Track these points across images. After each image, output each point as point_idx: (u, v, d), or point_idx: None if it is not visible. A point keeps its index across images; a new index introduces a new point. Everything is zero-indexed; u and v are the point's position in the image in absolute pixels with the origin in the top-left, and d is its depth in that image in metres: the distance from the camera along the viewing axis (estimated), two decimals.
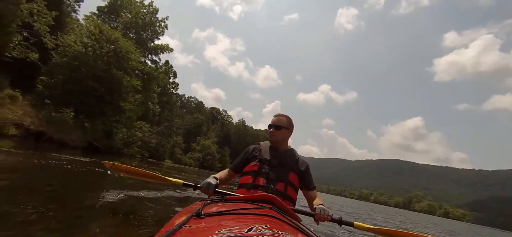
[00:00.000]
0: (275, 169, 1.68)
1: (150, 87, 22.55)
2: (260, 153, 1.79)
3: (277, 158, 1.73)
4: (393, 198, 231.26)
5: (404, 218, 13.05)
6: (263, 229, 0.63)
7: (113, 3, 21.73)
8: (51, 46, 13.51)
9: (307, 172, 1.81)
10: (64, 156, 7.07)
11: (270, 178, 1.63)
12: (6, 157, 4.60)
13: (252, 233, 0.59)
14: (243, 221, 0.75)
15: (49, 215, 2.17)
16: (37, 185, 3.25)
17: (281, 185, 1.62)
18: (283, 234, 0.61)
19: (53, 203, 2.59)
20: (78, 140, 14.33)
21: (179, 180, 1.98)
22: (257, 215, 0.85)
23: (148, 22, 22.99)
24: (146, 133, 25.05)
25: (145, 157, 31.09)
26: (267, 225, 0.69)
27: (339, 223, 1.62)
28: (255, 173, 1.66)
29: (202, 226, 0.72)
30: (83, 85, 15.24)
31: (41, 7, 11.68)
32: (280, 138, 1.83)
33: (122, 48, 16.58)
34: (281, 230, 0.66)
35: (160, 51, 24.65)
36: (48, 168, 4.38)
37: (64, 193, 3.09)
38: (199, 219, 0.79)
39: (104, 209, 2.57)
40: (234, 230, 0.62)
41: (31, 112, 11.93)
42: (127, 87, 17.77)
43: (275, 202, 1.14)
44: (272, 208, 1.05)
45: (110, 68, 16.19)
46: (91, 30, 16.11)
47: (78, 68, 15.23)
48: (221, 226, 0.69)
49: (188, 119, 65.70)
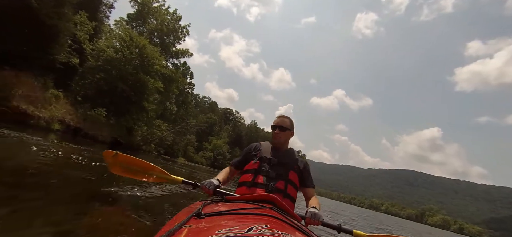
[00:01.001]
0: (275, 167, 1.70)
1: (170, 89, 24.12)
2: (261, 151, 1.82)
3: (277, 157, 1.77)
4: (405, 210, 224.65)
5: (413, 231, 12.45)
6: (263, 229, 0.63)
7: (141, 10, 23.47)
8: (89, 52, 15.14)
9: (306, 171, 1.84)
10: (92, 149, 7.95)
11: (270, 176, 1.65)
12: (51, 148, 5.73)
13: (252, 233, 0.60)
14: (243, 221, 0.76)
15: (55, 207, 2.17)
16: (64, 174, 3.53)
17: (281, 183, 1.64)
18: (283, 234, 0.61)
19: (61, 193, 2.64)
20: (106, 136, 15.92)
21: (179, 178, 2.00)
22: (257, 215, 0.86)
23: (171, 28, 24.62)
24: (164, 132, 26.69)
25: (160, 154, 32.90)
26: (267, 225, 0.70)
27: (338, 230, 1.66)
28: (255, 171, 1.69)
29: (202, 226, 0.72)
30: (113, 86, 16.86)
31: (84, 18, 13.26)
32: (284, 139, 1.87)
33: (149, 54, 18.09)
34: (281, 230, 0.66)
35: (181, 55, 26.26)
36: (77, 159, 5.05)
37: (78, 184, 3.21)
38: (199, 219, 0.79)
39: (109, 204, 2.55)
40: (234, 230, 0.62)
41: (71, 110, 13.53)
42: (151, 89, 19.31)
43: (275, 202, 1.15)
44: (272, 208, 1.05)
45: (138, 72, 17.74)
46: (122, 37, 17.73)
47: (109, 71, 16.85)
48: (221, 226, 0.69)
49: (202, 118, 67.54)
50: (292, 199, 1.67)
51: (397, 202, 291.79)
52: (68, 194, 2.74)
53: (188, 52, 26.49)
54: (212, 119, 70.49)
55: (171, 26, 24.45)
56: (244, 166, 1.81)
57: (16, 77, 10.08)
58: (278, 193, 1.57)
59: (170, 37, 25.19)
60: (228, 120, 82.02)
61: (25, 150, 4.75)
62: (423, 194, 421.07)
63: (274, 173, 1.66)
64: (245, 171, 1.75)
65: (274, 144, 1.87)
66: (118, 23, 22.90)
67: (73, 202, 2.45)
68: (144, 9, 23.45)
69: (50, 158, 4.52)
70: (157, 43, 23.52)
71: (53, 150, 5.41)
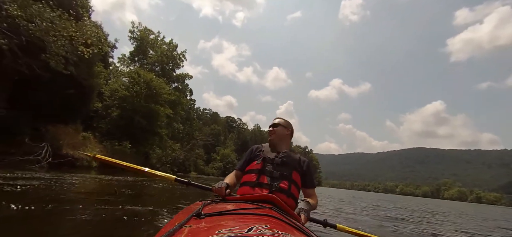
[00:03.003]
0: (278, 167, 1.71)
1: (177, 111, 26.57)
2: (263, 152, 1.84)
3: (280, 157, 1.77)
4: (420, 188, 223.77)
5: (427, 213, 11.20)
6: (263, 229, 0.64)
7: (140, 45, 26.04)
8: (108, 94, 17.59)
9: (309, 171, 1.85)
10: (117, 177, 9.85)
11: (274, 176, 1.66)
12: (93, 180, 8.02)
13: (252, 233, 0.60)
14: (243, 221, 0.76)
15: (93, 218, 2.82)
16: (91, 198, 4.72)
17: (285, 183, 1.65)
18: (283, 234, 0.61)
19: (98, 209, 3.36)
20: None
21: (171, 176, 1.99)
22: (257, 215, 0.86)
23: (170, 57, 27.14)
24: (177, 152, 29.11)
25: (174, 171, 35.34)
26: (267, 225, 0.70)
27: (324, 225, 1.75)
28: (259, 171, 1.70)
29: (202, 226, 0.72)
30: (129, 119, 19.27)
31: (100, 68, 15.68)
32: (278, 135, 1.90)
33: (156, 86, 20.52)
34: (281, 230, 0.66)
35: (181, 79, 28.79)
36: (108, 185, 6.96)
37: (104, 202, 3.99)
38: (199, 219, 0.80)
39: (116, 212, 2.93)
40: (234, 230, 0.63)
41: (101, 147, 15.92)
42: (162, 116, 21.73)
43: (275, 202, 1.14)
44: (272, 208, 1.05)
45: (148, 103, 20.14)
46: (131, 75, 20.20)
47: (125, 107, 19.28)
48: (221, 226, 0.69)
49: (206, 131, 69.85)
50: (295, 199, 1.70)
51: (411, 181, 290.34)
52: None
53: (188, 75, 29.07)
54: (216, 129, 72.59)
55: (169, 54, 26.97)
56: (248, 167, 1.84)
57: (61, 129, 12.53)
58: (281, 193, 1.59)
59: (169, 64, 27.70)
60: (231, 128, 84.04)
61: (82, 183, 7.05)
62: (435, 170, 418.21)
63: (278, 173, 1.67)
64: (248, 171, 1.77)
65: (270, 142, 1.92)
66: (121, 60, 25.53)
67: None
68: (143, 43, 26.01)
69: (94, 187, 6.81)
70: (158, 72, 26.02)
71: (97, 181, 7.76)
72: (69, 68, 9.05)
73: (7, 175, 5.96)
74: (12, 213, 2.84)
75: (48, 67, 8.18)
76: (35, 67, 7.98)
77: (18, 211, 2.89)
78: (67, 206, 3.49)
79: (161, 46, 26.43)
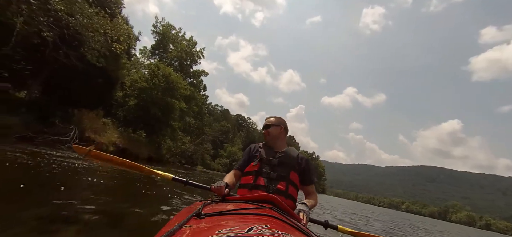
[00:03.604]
0: (276, 168, 1.70)
1: (190, 106, 27.44)
2: (261, 153, 1.81)
3: (277, 157, 1.75)
4: (427, 208, 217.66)
5: None
6: (263, 229, 0.64)
7: (162, 40, 27.05)
8: (128, 84, 18.56)
9: (307, 168, 1.81)
10: None
11: (271, 177, 1.65)
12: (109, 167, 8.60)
13: (252, 233, 0.60)
14: (243, 221, 0.76)
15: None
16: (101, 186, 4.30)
17: (282, 184, 1.63)
18: (283, 234, 0.62)
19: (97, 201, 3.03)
20: (144, 153, 19.22)
21: (169, 175, 1.94)
22: (257, 215, 0.86)
23: (189, 53, 28.04)
24: (187, 145, 30.02)
25: (182, 163, 36.38)
26: (267, 225, 0.70)
27: (324, 226, 1.73)
28: (256, 173, 1.68)
29: (202, 226, 0.72)
30: (146, 110, 20.19)
31: (125, 60, 16.63)
32: (272, 135, 1.88)
33: (173, 81, 21.37)
34: (281, 230, 0.66)
35: (198, 75, 29.66)
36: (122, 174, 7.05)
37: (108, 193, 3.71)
38: (199, 219, 0.80)
39: (117, 210, 2.71)
40: (234, 230, 0.63)
41: (118, 134, 16.85)
42: (176, 110, 22.58)
43: (275, 202, 1.14)
44: (272, 208, 1.05)
45: (165, 96, 21.02)
46: (151, 67, 21.14)
47: (143, 98, 20.22)
48: (221, 226, 0.69)
49: (216, 127, 70.83)
50: (293, 200, 1.67)
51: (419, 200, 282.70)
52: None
53: (204, 72, 29.90)
54: (226, 126, 73.49)
55: (188, 51, 27.89)
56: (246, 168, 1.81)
57: (85, 114, 13.49)
58: (279, 194, 1.55)
59: (188, 61, 28.60)
60: (241, 127, 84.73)
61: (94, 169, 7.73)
62: (446, 191, 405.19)
63: (275, 174, 1.65)
64: (246, 173, 1.76)
65: (267, 142, 1.90)
66: (142, 52, 26.62)
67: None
68: (164, 38, 27.02)
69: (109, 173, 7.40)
70: (176, 67, 26.97)
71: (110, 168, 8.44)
72: (101, 61, 9.89)
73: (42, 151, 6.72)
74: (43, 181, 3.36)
75: (83, 59, 9.02)
76: (72, 58, 8.84)
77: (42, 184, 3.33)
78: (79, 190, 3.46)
79: (181, 42, 27.42)
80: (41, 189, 3.13)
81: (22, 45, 7.85)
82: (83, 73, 10.61)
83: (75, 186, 3.60)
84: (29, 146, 7.38)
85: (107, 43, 9.28)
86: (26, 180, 3.34)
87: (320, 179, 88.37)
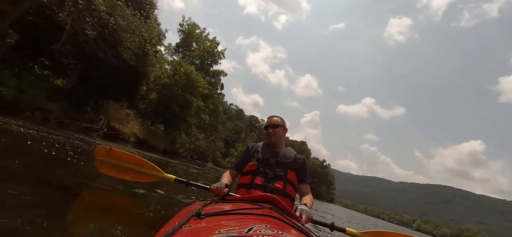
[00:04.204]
0: (273, 167, 1.71)
1: (207, 104, 28.30)
2: (258, 152, 1.83)
3: (274, 157, 1.77)
4: (439, 228, 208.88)
5: None
6: (263, 229, 0.64)
7: (186, 38, 28.09)
8: (152, 79, 19.54)
9: (303, 167, 1.82)
10: (148, 153, 11.22)
11: (269, 177, 1.66)
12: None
13: (252, 233, 0.60)
14: (243, 221, 0.76)
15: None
16: None
17: (280, 183, 1.65)
18: (283, 234, 0.62)
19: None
20: (161, 145, 20.15)
21: (171, 175, 2.02)
22: (257, 215, 0.86)
23: (210, 53, 28.94)
24: (200, 141, 30.94)
25: (194, 159, 37.43)
26: (267, 225, 0.70)
27: (331, 228, 1.71)
28: (254, 173, 1.70)
29: (202, 226, 0.72)
30: (166, 105, 21.14)
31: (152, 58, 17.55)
32: (278, 136, 1.89)
33: (194, 79, 22.22)
34: (281, 230, 0.66)
35: (217, 75, 30.53)
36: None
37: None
38: (199, 219, 0.80)
39: (117, 205, 2.56)
40: (234, 230, 0.63)
41: (139, 125, 17.83)
42: (194, 107, 23.44)
43: (275, 202, 1.14)
44: (272, 208, 1.05)
45: (185, 94, 21.90)
46: (174, 64, 22.10)
47: (165, 93, 21.19)
48: (221, 226, 0.69)
49: (229, 126, 71.73)
50: (291, 199, 1.69)
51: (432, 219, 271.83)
52: None
53: (223, 73, 30.74)
54: (239, 126, 74.23)
55: (210, 51, 28.79)
56: (244, 168, 1.82)
57: (112, 105, 14.47)
58: (277, 193, 1.56)
59: (209, 60, 29.49)
60: (254, 127, 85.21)
61: None
62: (461, 213, 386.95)
63: (273, 174, 1.68)
64: (244, 173, 1.77)
65: (270, 143, 1.90)
66: (167, 49, 27.73)
67: None
68: (188, 37, 28.04)
69: None
70: (197, 66, 27.91)
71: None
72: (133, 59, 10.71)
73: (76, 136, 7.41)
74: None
75: (119, 56, 9.84)
76: (109, 54, 9.66)
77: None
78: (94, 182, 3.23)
79: (204, 42, 28.38)
80: (52, 170, 3.13)
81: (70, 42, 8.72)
82: (115, 69, 11.51)
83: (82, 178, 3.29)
84: (65, 131, 8.18)
85: (141, 44, 10.05)
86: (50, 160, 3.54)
87: (329, 188, 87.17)
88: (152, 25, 10.53)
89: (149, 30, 10.15)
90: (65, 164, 3.57)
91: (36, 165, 3.15)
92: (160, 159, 10.62)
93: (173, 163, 10.54)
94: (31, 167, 2.93)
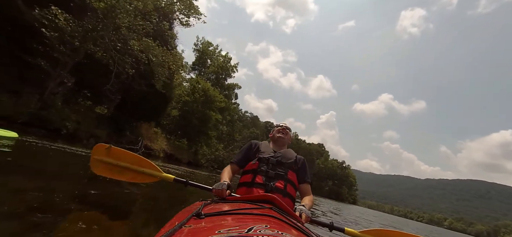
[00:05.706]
0: (274, 167, 1.73)
1: (224, 116, 30.15)
2: (260, 151, 1.85)
3: (276, 157, 1.79)
4: (474, 226, 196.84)
5: None
6: (263, 229, 0.64)
7: (201, 56, 30.28)
8: (174, 99, 21.54)
9: (303, 167, 1.86)
10: (176, 166, 12.72)
11: (270, 176, 1.68)
12: (164, 167, 10.67)
13: (252, 233, 0.60)
14: (243, 221, 0.76)
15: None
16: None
17: (280, 182, 1.67)
18: (283, 234, 0.62)
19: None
20: (185, 158, 22.01)
21: (170, 175, 2.00)
22: (257, 215, 0.86)
23: (224, 68, 30.92)
24: (220, 151, 32.80)
25: (214, 168, 39.33)
26: (267, 225, 0.70)
27: (330, 228, 1.69)
28: (255, 172, 1.71)
29: (202, 226, 0.72)
30: (188, 121, 23.05)
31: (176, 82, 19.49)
32: (287, 138, 2.01)
33: (211, 95, 24.05)
34: (281, 230, 0.66)
35: (232, 88, 32.46)
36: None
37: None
38: (199, 219, 0.80)
39: (118, 206, 2.61)
40: (234, 230, 0.63)
41: (166, 141, 19.75)
42: (213, 120, 25.24)
43: (275, 202, 1.14)
44: (272, 208, 1.05)
45: (204, 109, 23.73)
46: (193, 83, 24.07)
47: (186, 110, 23.13)
48: (221, 226, 0.70)
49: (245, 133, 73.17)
50: (292, 198, 1.70)
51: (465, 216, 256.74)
52: None
53: (237, 86, 32.64)
54: (254, 132, 75.39)
55: (223, 66, 30.78)
56: (245, 165, 1.83)
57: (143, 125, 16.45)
58: (277, 192, 1.59)
59: (223, 75, 31.45)
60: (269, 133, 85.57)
61: None
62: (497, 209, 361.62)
63: (273, 173, 1.69)
64: (245, 172, 1.79)
65: (279, 144, 1.96)
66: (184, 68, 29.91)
67: None
68: (203, 55, 30.20)
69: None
70: (213, 80, 29.91)
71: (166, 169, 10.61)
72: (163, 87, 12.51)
73: None
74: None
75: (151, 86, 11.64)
76: (143, 85, 11.48)
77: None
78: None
79: (218, 58, 30.46)
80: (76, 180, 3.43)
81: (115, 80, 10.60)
82: (147, 95, 13.39)
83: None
84: None
85: (169, 74, 11.80)
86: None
87: (351, 189, 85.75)
88: (176, 56, 12.27)
89: (175, 61, 11.89)
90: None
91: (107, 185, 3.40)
92: (187, 170, 11.90)
93: (197, 172, 12.04)
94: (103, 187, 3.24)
